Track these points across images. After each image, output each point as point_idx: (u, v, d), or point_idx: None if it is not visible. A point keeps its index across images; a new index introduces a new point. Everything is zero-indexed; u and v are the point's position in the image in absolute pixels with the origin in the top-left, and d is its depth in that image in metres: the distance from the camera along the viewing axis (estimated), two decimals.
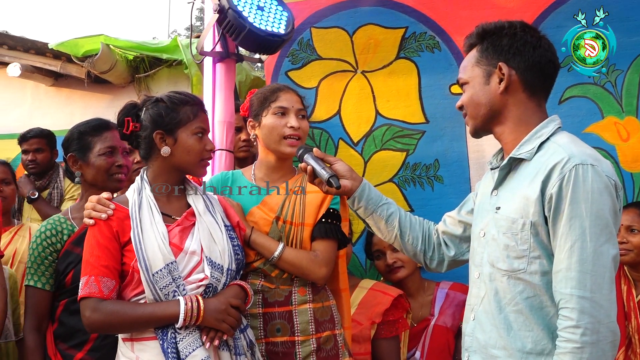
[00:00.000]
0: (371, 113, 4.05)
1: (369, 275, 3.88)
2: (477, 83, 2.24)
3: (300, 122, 2.90)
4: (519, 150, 2.17)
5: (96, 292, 2.40)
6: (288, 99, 2.92)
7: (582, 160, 2.01)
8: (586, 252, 1.96)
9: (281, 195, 2.89)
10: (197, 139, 2.57)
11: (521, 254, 2.09)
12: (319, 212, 2.86)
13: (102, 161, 2.98)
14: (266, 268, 2.81)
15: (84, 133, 3.02)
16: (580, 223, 1.97)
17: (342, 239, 2.90)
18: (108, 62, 6.12)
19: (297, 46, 4.11)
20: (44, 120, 6.36)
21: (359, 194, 2.51)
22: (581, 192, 1.98)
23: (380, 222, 2.53)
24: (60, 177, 5.10)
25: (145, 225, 2.47)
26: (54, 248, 2.85)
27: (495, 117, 2.23)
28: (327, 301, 2.89)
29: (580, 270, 1.95)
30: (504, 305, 2.12)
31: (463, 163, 3.92)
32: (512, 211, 2.12)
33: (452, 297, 3.57)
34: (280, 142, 2.89)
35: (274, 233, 2.83)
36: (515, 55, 2.19)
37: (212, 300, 2.44)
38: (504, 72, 2.17)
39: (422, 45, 3.99)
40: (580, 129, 3.67)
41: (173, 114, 2.56)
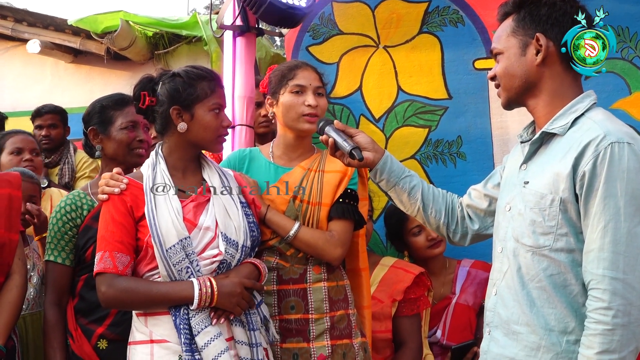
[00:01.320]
0: (393, 89, 3.99)
1: (390, 253, 3.84)
2: (513, 54, 2.18)
3: (318, 100, 2.87)
4: (552, 124, 2.12)
5: (111, 268, 2.40)
6: (306, 77, 2.88)
7: (619, 138, 1.95)
8: (620, 233, 1.92)
9: (299, 173, 2.87)
10: (214, 115, 2.55)
11: (548, 230, 2.05)
12: (336, 192, 2.85)
13: (123, 135, 2.95)
14: (281, 246, 2.80)
15: (105, 107, 3.00)
16: (614, 202, 1.93)
17: (359, 219, 2.89)
18: (127, 39, 6.10)
19: (318, 21, 4.06)
20: (64, 97, 6.37)
21: (381, 166, 2.45)
22: (616, 171, 1.93)
23: (402, 195, 2.49)
24: (71, 153, 5.09)
25: (159, 200, 2.46)
26: (73, 223, 2.83)
27: (530, 89, 2.17)
28: (341, 281, 2.88)
29: (614, 250, 1.92)
30: (527, 282, 2.10)
31: (486, 140, 3.86)
32: (541, 186, 2.08)
33: (474, 275, 3.54)
34: (298, 120, 2.86)
35: (291, 212, 2.81)
36: (553, 26, 2.12)
37: (226, 283, 2.43)
38: (541, 44, 2.12)
39: (446, 19, 3.93)
40: (607, 104, 3.59)
41: (190, 89, 2.54)
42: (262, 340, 2.53)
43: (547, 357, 2.05)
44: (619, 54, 3.66)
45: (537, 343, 2.07)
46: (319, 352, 2.74)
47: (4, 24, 6.74)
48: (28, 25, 6.68)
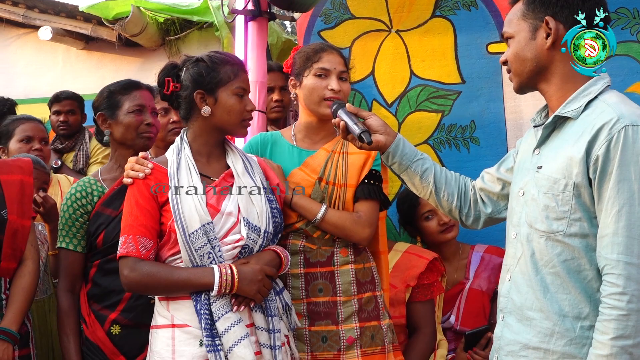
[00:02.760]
0: (406, 73, 3.97)
1: (403, 239, 3.83)
2: (523, 38, 2.15)
3: (342, 85, 2.85)
4: (565, 108, 2.09)
5: (134, 252, 2.42)
6: (331, 60, 2.86)
7: (633, 121, 1.93)
8: (634, 217, 1.90)
9: (323, 156, 2.86)
10: (237, 99, 2.56)
11: (561, 215, 2.03)
12: (361, 173, 2.84)
13: (130, 119, 2.94)
14: (308, 229, 2.79)
15: (113, 92, 3.00)
16: (629, 186, 1.91)
17: (385, 200, 2.89)
18: (139, 25, 6.10)
19: (330, 5, 4.03)
20: (75, 83, 6.37)
21: (393, 149, 2.42)
22: (630, 154, 1.91)
23: (414, 178, 2.46)
24: (86, 140, 5.12)
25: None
26: (84, 210, 2.84)
27: (541, 73, 2.14)
28: (368, 262, 2.88)
29: (628, 235, 1.90)
30: (541, 267, 2.08)
31: (500, 124, 3.84)
32: (555, 171, 2.05)
33: (488, 261, 3.53)
34: (320, 104, 2.84)
35: (317, 194, 2.81)
36: (563, 8, 2.09)
37: (248, 270, 2.43)
38: (551, 27, 2.08)
39: (459, 3, 3.90)
40: (622, 88, 3.56)
41: (213, 73, 2.55)
42: (282, 327, 2.54)
43: (560, 343, 2.03)
44: (635, 36, 3.62)
45: (550, 329, 2.05)
46: (347, 335, 2.75)
47: (16, 10, 6.74)
48: (39, 11, 6.68)
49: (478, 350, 3.31)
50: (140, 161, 2.56)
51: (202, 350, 2.37)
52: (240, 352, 2.35)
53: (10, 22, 6.89)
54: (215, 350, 2.35)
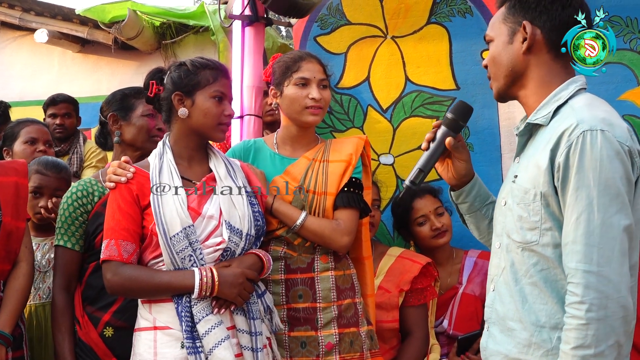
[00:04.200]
0: (401, 79, 3.98)
1: (397, 243, 3.84)
2: (501, 42, 2.14)
3: (322, 93, 2.88)
4: (536, 115, 2.08)
5: (116, 256, 2.45)
6: (310, 69, 2.89)
7: (591, 126, 1.89)
8: (593, 224, 1.86)
9: (304, 164, 2.89)
10: (214, 102, 2.59)
11: (533, 225, 2.01)
12: (341, 181, 2.85)
13: (144, 122, 3.05)
14: (289, 236, 2.82)
15: (127, 95, 3.10)
16: (587, 193, 1.87)
17: (364, 208, 2.90)
18: (135, 29, 6.12)
19: (326, 11, 4.04)
20: (71, 86, 6.40)
21: (469, 189, 2.40)
22: (588, 160, 1.87)
23: (482, 222, 2.44)
24: (80, 143, 5.13)
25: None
26: (84, 209, 2.87)
27: (518, 79, 2.13)
28: (348, 269, 2.90)
29: (587, 243, 1.86)
30: (520, 277, 2.06)
31: (494, 130, 3.85)
32: (526, 180, 2.04)
33: (481, 266, 3.54)
34: (302, 112, 2.87)
35: (297, 202, 2.83)
36: (541, 13, 2.07)
37: (228, 273, 2.46)
38: (527, 31, 2.07)
39: (454, 10, 3.92)
40: (615, 96, 3.58)
41: (193, 76, 2.60)
42: (264, 329, 2.57)
43: (537, 354, 2.02)
44: (628, 44, 3.65)
45: (528, 340, 2.04)
46: (326, 341, 2.76)
47: (12, 13, 6.77)
48: (36, 14, 6.69)
49: (470, 354, 3.32)
50: (123, 165, 2.59)
51: (183, 352, 2.40)
52: (221, 354, 2.38)
53: (6, 25, 6.91)
54: (195, 352, 2.38)
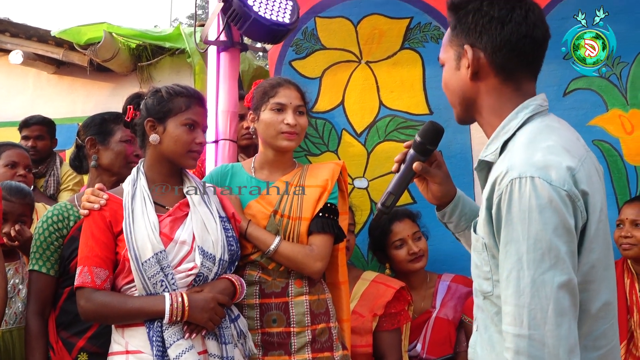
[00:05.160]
0: (375, 104, 4.02)
1: (371, 267, 3.87)
2: (450, 67, 1.93)
3: (298, 119, 2.91)
4: (486, 150, 1.87)
5: (89, 282, 2.47)
6: (287, 95, 2.93)
7: (520, 173, 1.65)
8: (523, 283, 1.63)
9: (279, 187, 2.92)
10: (186, 130, 2.61)
11: (486, 275, 1.81)
12: (316, 207, 2.88)
13: (122, 147, 3.06)
14: (263, 261, 2.84)
15: (107, 120, 3.10)
16: (516, 248, 1.64)
17: (339, 233, 2.93)
18: (110, 50, 6.12)
19: (301, 36, 4.09)
20: (46, 108, 6.36)
21: (451, 209, 2.20)
22: (516, 212, 1.64)
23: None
24: (57, 165, 5.10)
25: (137, 215, 2.53)
26: (59, 234, 2.85)
27: (471, 106, 1.91)
28: (322, 294, 2.92)
29: (516, 304, 1.64)
30: (488, 325, 1.87)
31: (466, 155, 3.90)
32: (479, 227, 1.84)
33: (454, 290, 3.57)
34: (276, 137, 2.91)
35: (272, 227, 2.85)
36: (481, 34, 1.83)
37: (199, 298, 2.48)
38: (469, 56, 1.83)
39: (427, 35, 3.98)
40: (585, 121, 3.64)
41: (166, 103, 2.63)
42: (237, 354, 2.58)
43: None
44: (597, 72, 3.72)
45: None
46: None
47: None
48: (11, 35, 6.66)
49: None
50: (96, 192, 2.61)
51: None
52: None
53: None
54: None
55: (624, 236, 3.35)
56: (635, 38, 3.60)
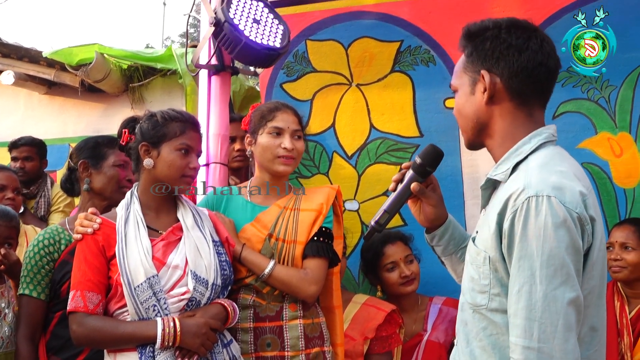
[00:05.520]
0: (365, 126, 4.04)
1: (362, 290, 3.87)
2: (464, 92, 2.02)
3: (295, 143, 2.93)
4: (496, 170, 1.96)
5: (81, 307, 2.48)
6: (284, 119, 2.94)
7: (537, 191, 1.75)
8: (535, 297, 1.71)
9: (275, 212, 2.93)
10: (180, 154, 2.62)
11: (483, 289, 1.88)
12: (311, 230, 2.89)
13: (114, 172, 3.07)
14: (257, 284, 2.84)
15: (100, 144, 3.12)
16: (530, 264, 1.73)
17: (334, 257, 2.94)
18: (102, 71, 6.12)
19: (292, 58, 4.11)
20: (37, 128, 6.37)
21: (441, 232, 2.28)
22: (532, 228, 1.73)
23: (458, 266, 2.30)
24: (48, 187, 5.11)
25: (129, 239, 2.53)
26: (50, 257, 2.85)
27: (484, 130, 2.00)
28: (317, 318, 2.92)
29: (527, 317, 1.72)
30: (471, 339, 1.94)
31: (457, 177, 3.91)
32: (480, 241, 1.92)
33: (445, 313, 3.57)
34: (273, 161, 2.92)
35: (266, 250, 2.86)
36: (498, 60, 1.93)
37: (191, 323, 2.48)
38: (486, 81, 1.93)
39: (417, 59, 4.00)
40: (574, 144, 3.67)
41: (160, 128, 2.64)
42: None
43: None
44: (585, 94, 3.74)
45: None
46: None
47: None
48: (2, 56, 6.67)
49: None
50: (89, 217, 2.62)
51: None
52: None
53: None
54: None
55: (614, 259, 3.37)
56: (623, 61, 3.63)
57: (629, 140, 3.72)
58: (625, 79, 3.68)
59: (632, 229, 3.41)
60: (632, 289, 3.44)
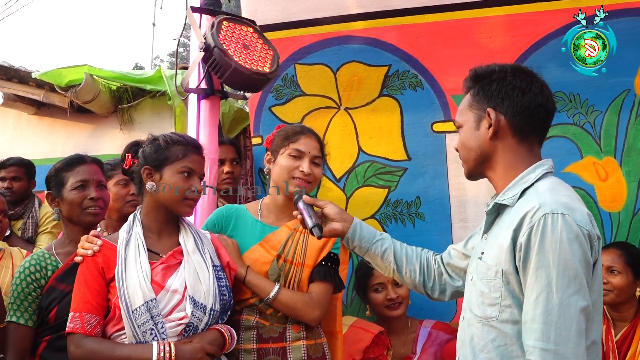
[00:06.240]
0: (354, 149, 4.08)
1: (350, 311, 3.88)
2: (469, 128, 2.23)
3: (313, 169, 2.97)
4: (504, 195, 2.15)
5: (79, 329, 2.49)
6: (307, 144, 2.98)
7: (553, 210, 1.96)
8: (551, 304, 1.91)
9: (285, 233, 2.94)
10: (182, 177, 2.63)
11: (494, 301, 2.06)
12: (320, 255, 2.92)
13: (73, 195, 2.97)
14: (261, 306, 2.86)
15: (59, 170, 3.03)
16: (546, 273, 1.93)
17: (339, 283, 2.97)
18: (91, 92, 6.11)
19: (281, 82, 4.15)
20: (26, 148, 6.34)
21: (351, 234, 2.52)
22: (549, 242, 1.94)
23: (376, 259, 2.54)
24: (36, 207, 5.06)
25: (129, 262, 2.54)
26: (37, 284, 2.83)
27: (486, 161, 2.21)
28: (319, 339, 2.94)
29: (545, 322, 1.91)
30: (478, 352, 2.10)
31: (444, 200, 3.95)
32: (490, 258, 2.10)
33: (435, 336, 3.58)
34: (289, 182, 2.94)
35: (274, 271, 2.88)
36: (503, 100, 2.16)
37: (187, 348, 2.49)
38: (492, 117, 2.16)
39: (405, 83, 4.04)
40: (560, 168, 3.72)
41: (163, 151, 2.66)
42: None
43: None
44: (571, 119, 3.79)
45: None
46: None
47: None
48: None
49: None
50: (90, 239, 2.64)
51: None
52: None
53: None
54: None
55: None
56: (608, 87, 3.68)
57: (614, 164, 3.78)
58: (610, 104, 3.74)
59: (617, 253, 3.45)
60: (618, 312, 3.47)
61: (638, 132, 3.75)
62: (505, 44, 3.85)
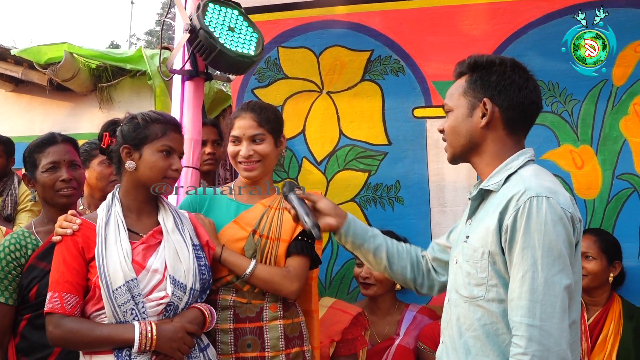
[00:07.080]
0: (335, 133, 4.11)
1: (329, 293, 3.93)
2: (461, 114, 2.29)
3: (255, 147, 2.96)
4: (488, 182, 2.24)
5: (58, 308, 2.46)
6: (241, 126, 2.98)
7: (537, 193, 2.06)
8: (537, 282, 2.01)
9: (260, 210, 2.95)
10: (162, 156, 2.63)
11: (480, 281, 2.15)
12: (295, 230, 2.92)
13: (45, 178, 2.95)
14: (238, 283, 2.86)
15: (32, 151, 3.01)
16: (532, 253, 2.02)
17: (315, 258, 2.98)
18: (71, 70, 6.07)
19: (264, 64, 4.16)
20: (3, 126, 6.28)
21: (345, 230, 2.53)
22: (534, 223, 2.03)
23: (368, 255, 2.57)
24: (15, 185, 5.02)
25: (109, 242, 2.53)
26: (18, 262, 2.83)
27: (474, 149, 2.28)
28: (296, 318, 2.96)
29: (530, 299, 2.01)
30: (464, 331, 2.18)
31: (423, 185, 4.00)
32: (476, 240, 2.19)
33: (419, 320, 3.64)
34: (238, 167, 2.99)
35: (250, 246, 2.88)
36: (501, 93, 2.23)
37: (168, 327, 2.49)
38: (487, 108, 2.23)
39: (387, 68, 4.07)
40: (538, 155, 3.67)
41: (142, 130, 2.63)
42: None
43: None
44: (549, 107, 3.85)
45: None
46: None
47: None
48: None
49: None
50: (69, 218, 2.61)
51: None
52: None
53: None
54: None
55: None
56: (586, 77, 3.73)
57: (590, 153, 3.84)
58: (588, 94, 3.78)
59: (592, 239, 3.53)
60: (591, 296, 3.55)
61: (614, 121, 3.80)
62: (487, 32, 3.89)
